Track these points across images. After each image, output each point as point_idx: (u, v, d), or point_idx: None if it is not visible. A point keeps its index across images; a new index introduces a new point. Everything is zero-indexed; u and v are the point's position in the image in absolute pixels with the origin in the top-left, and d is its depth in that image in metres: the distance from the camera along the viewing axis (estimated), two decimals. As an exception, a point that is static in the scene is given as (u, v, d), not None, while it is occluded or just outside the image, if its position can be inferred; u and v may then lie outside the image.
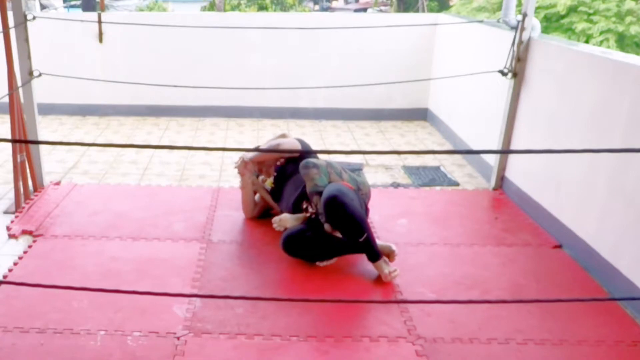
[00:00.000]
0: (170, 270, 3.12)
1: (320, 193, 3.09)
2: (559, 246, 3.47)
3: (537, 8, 8.72)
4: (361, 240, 2.97)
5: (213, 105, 6.27)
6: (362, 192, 3.27)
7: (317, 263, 3.15)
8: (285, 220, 3.23)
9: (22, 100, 3.82)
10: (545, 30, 8.85)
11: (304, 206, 3.27)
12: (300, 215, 3.27)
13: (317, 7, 24.30)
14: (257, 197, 3.73)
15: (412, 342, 2.57)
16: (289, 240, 3.14)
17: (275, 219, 3.24)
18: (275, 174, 3.60)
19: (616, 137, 3.02)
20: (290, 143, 3.56)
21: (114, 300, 2.76)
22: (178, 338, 2.56)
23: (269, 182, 3.64)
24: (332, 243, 3.12)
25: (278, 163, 3.61)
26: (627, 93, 2.94)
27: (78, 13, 12.32)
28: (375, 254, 3.02)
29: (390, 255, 3.14)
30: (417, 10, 15.14)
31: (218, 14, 9.68)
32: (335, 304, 2.83)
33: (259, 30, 6.03)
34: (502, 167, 4.26)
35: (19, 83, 3.79)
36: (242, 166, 3.57)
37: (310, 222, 3.20)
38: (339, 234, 3.10)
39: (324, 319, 2.71)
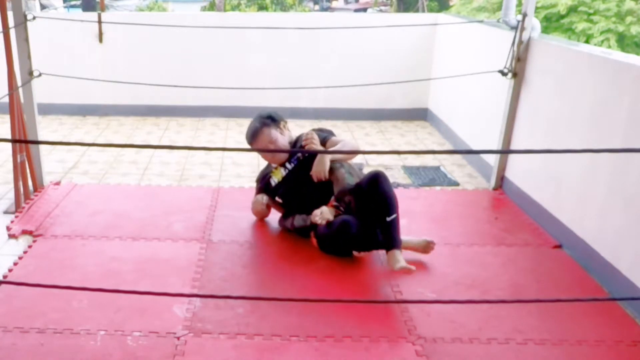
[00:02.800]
0: (170, 270, 3.12)
1: (350, 191, 3.17)
2: (559, 246, 3.47)
3: (537, 8, 8.71)
4: (389, 219, 3.04)
5: (213, 105, 6.27)
6: None
7: (356, 253, 3.20)
8: (327, 213, 3.20)
9: (22, 100, 3.82)
10: (545, 30, 8.84)
11: (335, 205, 3.27)
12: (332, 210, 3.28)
13: (317, 7, 24.28)
14: (264, 199, 3.63)
15: (412, 342, 2.57)
16: (346, 225, 3.09)
17: (317, 212, 3.18)
18: (289, 167, 3.49)
19: (616, 137, 3.02)
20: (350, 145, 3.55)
21: (114, 300, 2.76)
22: (178, 338, 2.56)
23: (277, 174, 3.51)
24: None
25: (300, 157, 3.49)
26: (627, 93, 2.94)
27: (78, 13, 12.32)
28: (396, 239, 3.04)
29: (428, 247, 3.22)
30: (417, 10, 15.13)
31: (218, 14, 9.69)
32: (335, 304, 2.83)
33: (259, 30, 6.03)
34: (502, 167, 4.26)
35: (19, 83, 3.79)
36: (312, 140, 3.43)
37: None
38: None
39: (324, 319, 2.71)
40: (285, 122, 3.58)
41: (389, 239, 3.05)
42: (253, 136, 3.46)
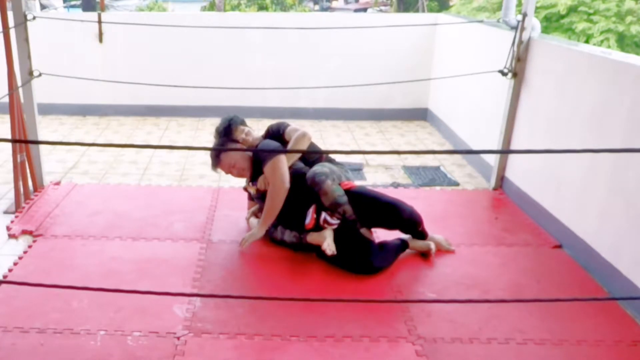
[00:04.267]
0: (170, 270, 3.12)
1: (344, 203, 3.13)
2: (559, 246, 3.47)
3: (537, 8, 8.71)
4: (420, 229, 3.27)
5: (213, 105, 6.27)
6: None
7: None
8: (332, 243, 3.12)
9: (22, 100, 3.82)
10: (545, 30, 8.83)
11: (322, 218, 3.19)
12: (327, 231, 3.18)
13: (317, 7, 24.25)
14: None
15: (412, 342, 2.57)
16: (368, 261, 3.11)
17: (325, 245, 3.06)
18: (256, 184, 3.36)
19: (616, 137, 3.02)
20: (300, 142, 3.35)
21: (114, 300, 2.76)
22: (178, 338, 2.56)
23: (252, 188, 3.43)
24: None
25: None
26: (627, 93, 2.94)
27: (78, 13, 12.31)
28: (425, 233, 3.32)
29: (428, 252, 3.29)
30: (417, 10, 15.11)
31: (218, 14, 9.68)
32: (335, 303, 2.83)
33: (259, 30, 6.03)
34: (502, 167, 4.26)
35: (19, 83, 3.79)
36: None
37: (340, 232, 3.18)
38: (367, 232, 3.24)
39: (324, 319, 2.71)
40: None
41: (422, 235, 3.32)
42: (214, 164, 3.42)
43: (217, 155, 3.37)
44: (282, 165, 3.17)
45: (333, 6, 24.12)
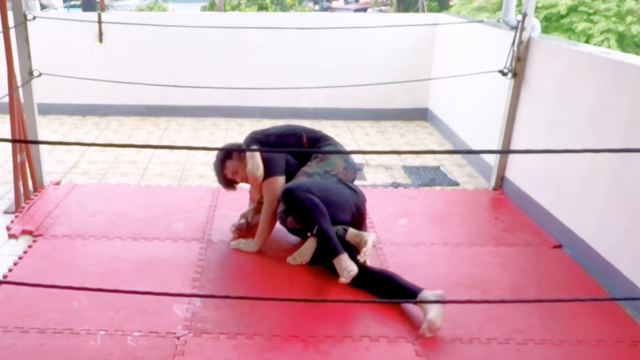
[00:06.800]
0: (170, 270, 3.12)
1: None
2: (559, 246, 3.47)
3: (537, 8, 8.71)
4: (314, 232, 2.97)
5: (213, 105, 6.27)
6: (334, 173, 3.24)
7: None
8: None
9: (22, 100, 3.82)
10: (545, 30, 8.83)
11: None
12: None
13: (317, 7, 24.26)
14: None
15: (412, 342, 2.57)
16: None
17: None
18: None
19: (616, 137, 3.02)
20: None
21: (114, 300, 2.76)
22: (178, 338, 2.56)
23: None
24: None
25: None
26: (627, 93, 2.94)
27: (78, 13, 12.30)
28: (332, 248, 2.92)
29: (359, 244, 3.02)
30: (417, 10, 15.11)
31: (218, 14, 9.68)
32: (335, 304, 2.83)
33: (259, 30, 6.03)
34: (502, 167, 4.26)
35: (19, 83, 3.79)
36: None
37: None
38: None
39: (324, 319, 2.71)
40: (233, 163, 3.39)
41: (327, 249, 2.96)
42: (221, 182, 3.48)
43: (221, 170, 3.40)
44: (276, 187, 3.18)
45: (333, 6, 24.12)
